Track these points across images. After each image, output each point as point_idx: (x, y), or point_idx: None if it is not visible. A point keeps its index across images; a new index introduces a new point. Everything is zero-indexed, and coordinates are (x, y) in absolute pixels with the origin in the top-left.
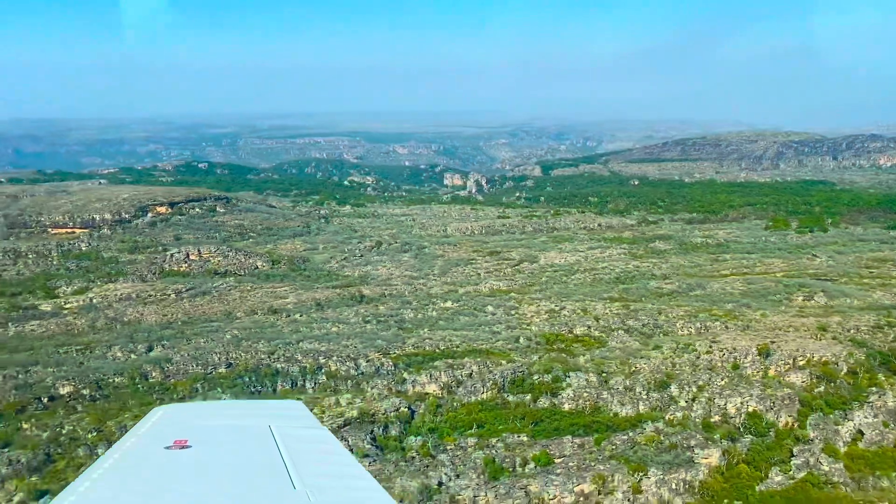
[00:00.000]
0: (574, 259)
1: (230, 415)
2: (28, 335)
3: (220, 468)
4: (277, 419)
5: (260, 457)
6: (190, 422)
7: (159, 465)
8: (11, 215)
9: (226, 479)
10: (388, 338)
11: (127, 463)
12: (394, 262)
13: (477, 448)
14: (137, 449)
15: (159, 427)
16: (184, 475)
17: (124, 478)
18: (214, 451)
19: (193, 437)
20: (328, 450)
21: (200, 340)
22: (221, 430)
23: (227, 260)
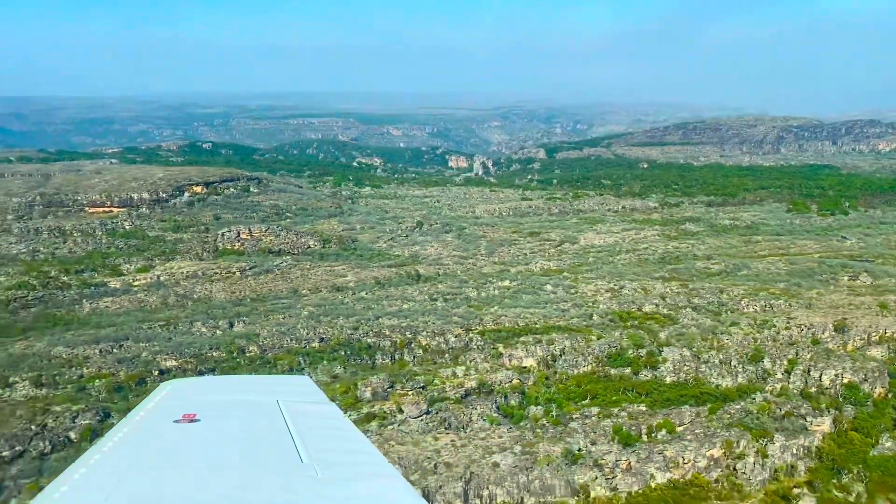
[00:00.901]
0: (612, 240)
1: (238, 389)
2: (104, 311)
3: (228, 442)
4: (285, 394)
5: (268, 431)
6: (198, 396)
7: (168, 439)
8: (47, 194)
9: (234, 453)
10: (463, 314)
11: (137, 436)
12: (439, 242)
13: (602, 417)
14: (147, 422)
15: (168, 401)
16: (192, 448)
17: (134, 450)
18: (223, 425)
19: (202, 411)
20: (336, 425)
21: (279, 317)
22: (230, 405)
23: (279, 239)
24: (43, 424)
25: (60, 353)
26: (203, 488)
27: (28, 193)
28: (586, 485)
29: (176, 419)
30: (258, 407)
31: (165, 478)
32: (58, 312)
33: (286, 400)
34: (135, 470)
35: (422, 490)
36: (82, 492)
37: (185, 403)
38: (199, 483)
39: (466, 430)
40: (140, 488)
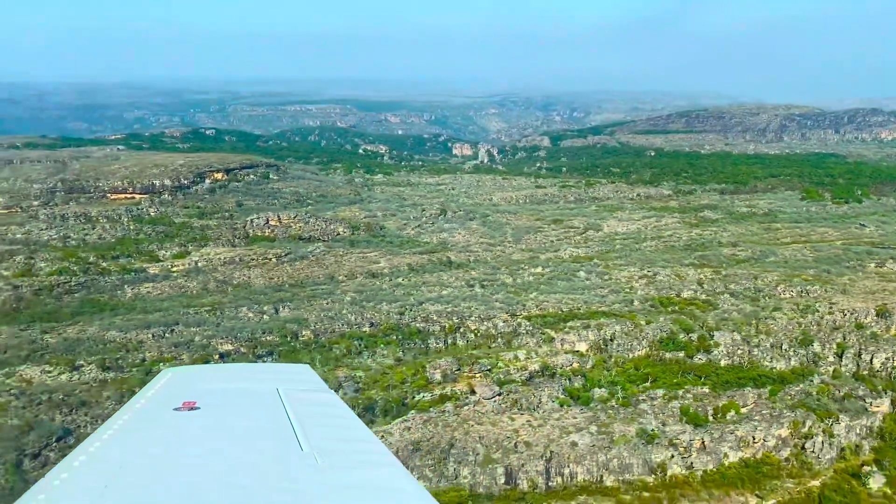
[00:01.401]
0: (634, 227)
1: (238, 378)
2: (146, 297)
3: (228, 430)
4: (285, 382)
5: (268, 419)
6: (198, 384)
7: (168, 427)
8: (68, 180)
9: (234, 441)
10: (503, 300)
11: (136, 424)
12: (466, 230)
13: (668, 399)
14: (147, 410)
15: (168, 389)
16: (192, 436)
17: (134, 438)
18: (222, 413)
19: (202, 399)
20: (336, 413)
21: (322, 302)
22: (229, 393)
23: (308, 226)
24: None
25: (114, 338)
26: (203, 476)
27: (48, 180)
28: (663, 463)
29: (176, 407)
30: (258, 395)
31: (165, 466)
32: (101, 298)
33: (286, 388)
34: (134, 458)
35: (504, 468)
36: (82, 479)
37: (185, 391)
38: (199, 471)
39: (538, 411)
40: (140, 476)
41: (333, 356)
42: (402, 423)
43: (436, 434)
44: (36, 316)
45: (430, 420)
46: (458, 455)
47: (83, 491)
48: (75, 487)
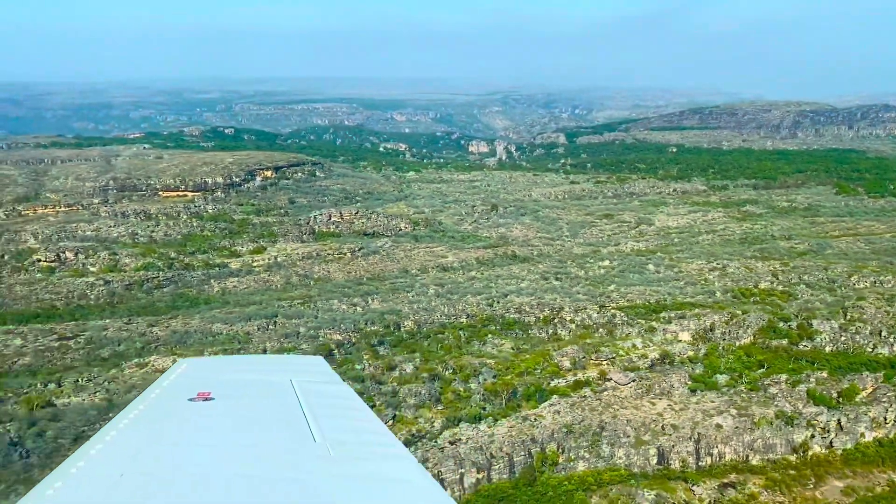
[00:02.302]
0: (684, 222)
1: (252, 369)
2: (232, 290)
3: (242, 420)
4: (299, 374)
5: (281, 410)
6: (213, 375)
7: (183, 417)
8: (119, 178)
9: (248, 431)
10: (584, 292)
11: (152, 414)
12: (521, 225)
13: (793, 383)
14: (162, 400)
15: (183, 379)
16: (207, 426)
17: (149, 428)
18: (237, 404)
19: (216, 389)
20: (348, 405)
21: (407, 294)
22: (244, 384)
23: (370, 222)
24: None
25: (221, 330)
26: (217, 466)
27: (99, 178)
28: (805, 443)
29: (191, 397)
30: (272, 386)
31: (180, 455)
32: (189, 292)
33: (300, 380)
34: (150, 447)
35: (657, 449)
36: (98, 468)
37: (200, 382)
38: (213, 461)
39: (672, 395)
40: (155, 465)
41: (446, 345)
42: (551, 408)
43: (585, 417)
44: (133, 310)
45: (575, 404)
46: (611, 437)
47: (100, 479)
48: (92, 475)
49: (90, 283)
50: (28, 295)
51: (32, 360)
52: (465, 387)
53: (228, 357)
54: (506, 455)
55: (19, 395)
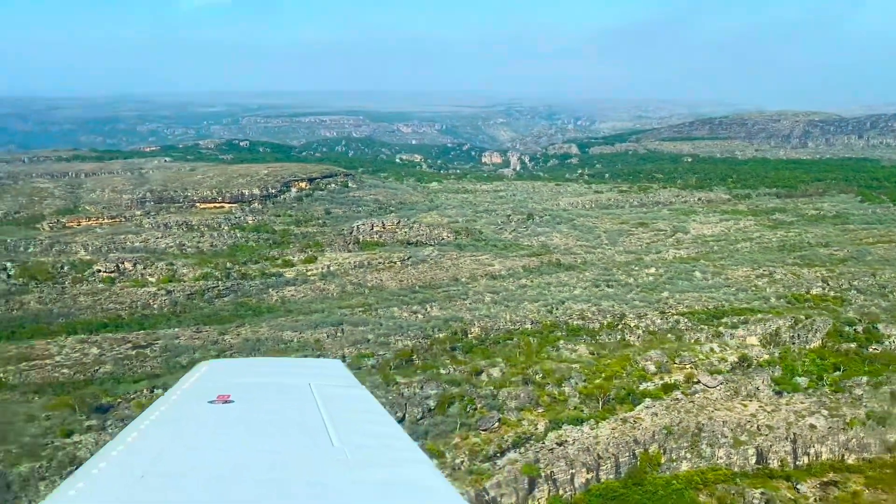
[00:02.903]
0: (718, 230)
1: (271, 372)
2: (290, 299)
3: (261, 423)
4: (317, 377)
5: (300, 413)
6: (232, 378)
7: (203, 419)
8: (156, 191)
9: (266, 434)
10: (639, 299)
11: (172, 416)
12: (559, 233)
13: (875, 385)
14: (182, 402)
15: (203, 382)
16: (226, 429)
17: (169, 430)
18: (256, 407)
19: (236, 392)
20: (367, 409)
21: (464, 302)
22: (263, 387)
23: (412, 231)
24: (400, 393)
25: (291, 338)
26: (236, 468)
27: (136, 190)
28: None
29: (210, 400)
30: (291, 390)
31: (200, 457)
32: (249, 301)
33: (318, 383)
34: (170, 449)
35: (755, 449)
36: (119, 469)
37: (220, 384)
38: (232, 463)
39: (759, 397)
40: (175, 467)
41: (523, 350)
42: (647, 410)
43: (682, 419)
44: (198, 319)
45: (670, 407)
46: (709, 437)
47: (120, 479)
48: (113, 476)
49: (152, 292)
50: (93, 305)
51: (113, 368)
52: (559, 390)
53: (248, 360)
54: (612, 455)
55: (129, 400)
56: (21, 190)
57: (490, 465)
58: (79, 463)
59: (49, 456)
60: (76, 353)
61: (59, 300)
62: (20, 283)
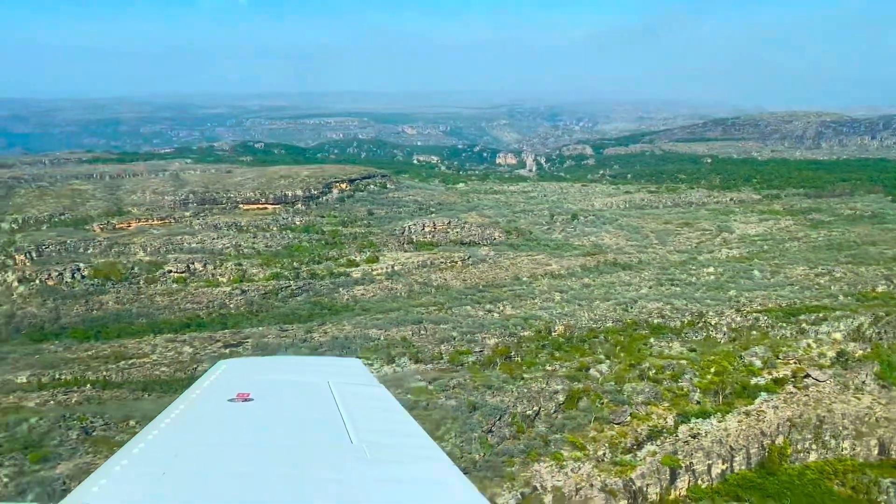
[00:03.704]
0: (761, 229)
1: (290, 370)
2: (361, 298)
3: (280, 421)
4: (336, 376)
5: (319, 412)
6: (252, 376)
7: (223, 417)
8: (198, 192)
9: (286, 432)
10: (709, 297)
11: (193, 414)
12: (607, 233)
13: None
14: (203, 401)
15: (223, 380)
16: (246, 426)
17: (190, 428)
18: (275, 405)
19: (255, 390)
20: (385, 407)
21: (533, 301)
22: (282, 385)
23: (464, 231)
24: (528, 388)
25: (377, 336)
26: (256, 465)
27: (177, 192)
28: None
29: (230, 398)
30: (310, 388)
31: (221, 455)
32: (322, 300)
33: (337, 381)
34: (191, 446)
35: (877, 440)
36: (141, 466)
37: (240, 383)
38: (252, 460)
39: (868, 390)
40: (196, 464)
41: (623, 347)
42: (767, 404)
43: (803, 412)
44: (277, 318)
45: (787, 400)
46: (832, 429)
47: (142, 477)
48: (135, 473)
49: (227, 292)
50: (170, 304)
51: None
52: (676, 385)
53: (267, 358)
54: (742, 447)
55: None
56: (60, 192)
57: (631, 456)
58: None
59: None
60: (170, 352)
61: (137, 300)
62: (96, 284)
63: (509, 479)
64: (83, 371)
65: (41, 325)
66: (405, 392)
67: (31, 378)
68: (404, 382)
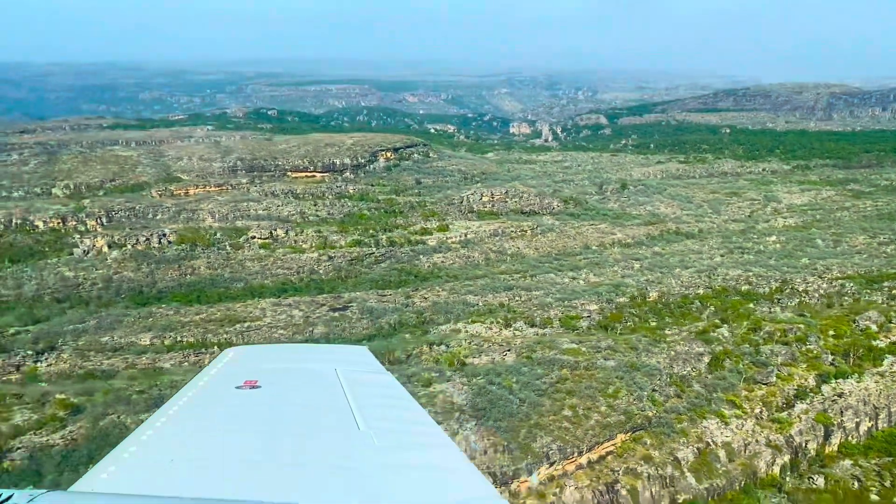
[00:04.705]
0: (807, 199)
1: (297, 358)
2: (441, 265)
3: (288, 408)
4: (343, 363)
5: (326, 399)
6: (259, 364)
7: (231, 404)
8: (246, 160)
9: (294, 419)
10: (786, 265)
11: (200, 401)
12: (661, 203)
13: None
14: (210, 388)
15: (231, 368)
16: (254, 414)
17: (198, 415)
18: (283, 392)
19: (263, 378)
20: (392, 394)
21: (613, 269)
22: (289, 373)
23: (523, 200)
24: (673, 350)
25: (475, 301)
26: (264, 452)
27: (225, 159)
28: None
29: (238, 385)
30: (317, 375)
31: (228, 442)
32: (405, 266)
33: (344, 369)
34: (199, 434)
35: None
36: (149, 453)
37: (247, 370)
38: (261, 447)
39: None
40: (204, 451)
41: (720, 313)
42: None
43: None
44: (367, 283)
45: None
46: None
47: (151, 464)
48: (143, 460)
49: (315, 258)
50: (261, 270)
51: (327, 329)
52: (805, 347)
53: (274, 346)
54: (885, 405)
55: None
56: (104, 158)
57: (786, 414)
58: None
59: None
60: (282, 316)
61: (228, 265)
62: (184, 249)
63: (683, 434)
64: (203, 334)
65: (139, 289)
66: (560, 353)
67: (153, 340)
68: (556, 344)
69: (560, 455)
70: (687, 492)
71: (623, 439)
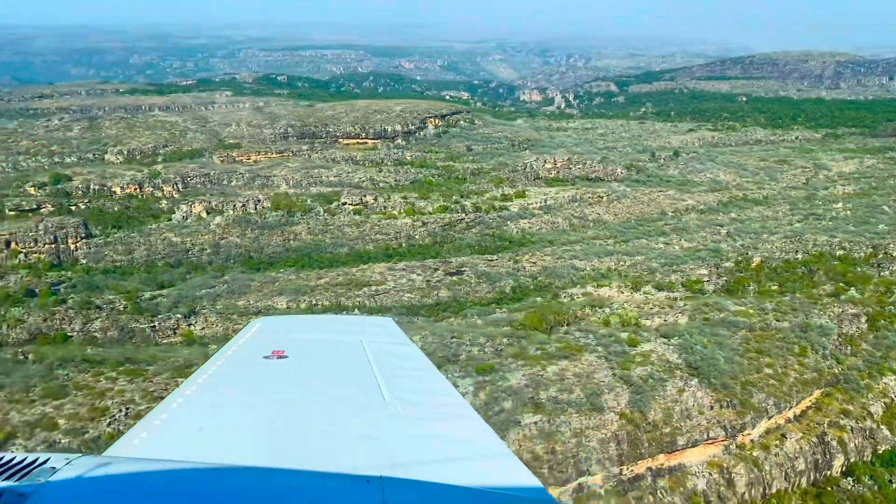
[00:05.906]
0: (853, 167)
1: (324, 329)
2: (528, 230)
3: (315, 378)
4: (370, 334)
5: (352, 369)
6: (287, 334)
7: (259, 374)
8: (296, 126)
9: (321, 390)
10: (867, 230)
11: (229, 371)
12: (716, 170)
13: None
14: (238, 358)
15: (259, 338)
16: (281, 384)
17: (227, 384)
18: (310, 363)
19: (290, 348)
20: (417, 366)
21: (700, 234)
22: (316, 343)
23: (586, 167)
24: (829, 310)
25: (582, 266)
26: (292, 421)
27: (274, 125)
28: None
29: (266, 355)
30: (343, 346)
31: (256, 410)
32: (495, 232)
33: (370, 340)
34: (227, 402)
35: None
36: (180, 420)
37: (275, 341)
38: (289, 416)
39: None
40: (232, 419)
41: (831, 278)
42: None
43: None
44: (469, 248)
45: None
46: None
47: (181, 430)
48: (174, 427)
49: (409, 223)
50: (360, 235)
51: (450, 293)
52: None
53: (301, 316)
54: None
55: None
56: (150, 124)
57: None
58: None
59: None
60: (403, 280)
61: (327, 231)
62: (282, 216)
63: (869, 390)
64: (335, 297)
65: (248, 254)
66: (732, 314)
67: (289, 304)
68: (723, 306)
69: (776, 409)
70: (885, 442)
71: (818, 395)
